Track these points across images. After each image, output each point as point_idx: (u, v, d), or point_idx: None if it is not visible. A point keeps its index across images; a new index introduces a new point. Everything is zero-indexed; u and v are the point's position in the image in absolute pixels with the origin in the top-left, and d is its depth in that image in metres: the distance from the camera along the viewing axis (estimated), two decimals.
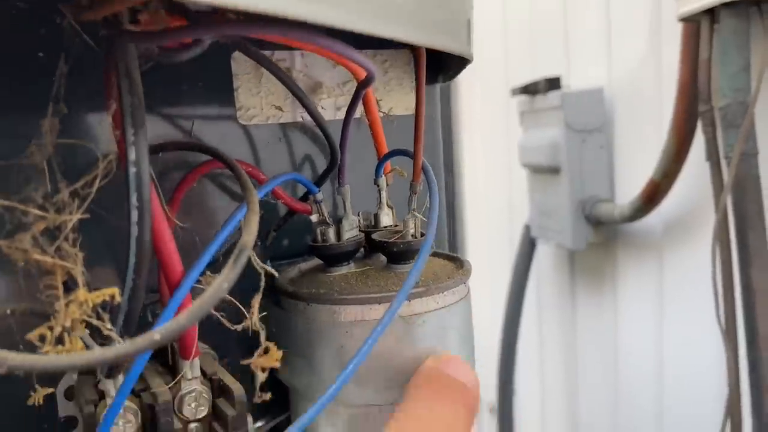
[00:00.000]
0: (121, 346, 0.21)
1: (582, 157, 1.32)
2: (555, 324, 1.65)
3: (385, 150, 0.44)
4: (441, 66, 0.50)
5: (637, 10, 1.23)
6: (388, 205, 0.43)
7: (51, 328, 0.24)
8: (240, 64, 0.43)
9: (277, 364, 0.29)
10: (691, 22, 0.99)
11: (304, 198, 0.42)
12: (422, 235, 0.40)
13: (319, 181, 0.40)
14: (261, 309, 0.35)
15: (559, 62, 1.47)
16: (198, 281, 0.32)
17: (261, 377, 0.28)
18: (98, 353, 0.20)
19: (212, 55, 0.35)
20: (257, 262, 0.29)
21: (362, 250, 0.44)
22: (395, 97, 0.49)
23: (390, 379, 0.37)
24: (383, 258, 0.42)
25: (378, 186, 0.43)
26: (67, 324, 0.24)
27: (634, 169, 1.28)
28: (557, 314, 1.63)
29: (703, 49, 0.95)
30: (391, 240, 0.39)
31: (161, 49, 0.29)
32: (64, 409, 0.37)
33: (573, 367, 1.57)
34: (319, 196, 0.40)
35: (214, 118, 0.43)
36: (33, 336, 0.24)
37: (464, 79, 1.66)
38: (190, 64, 0.32)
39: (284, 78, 0.33)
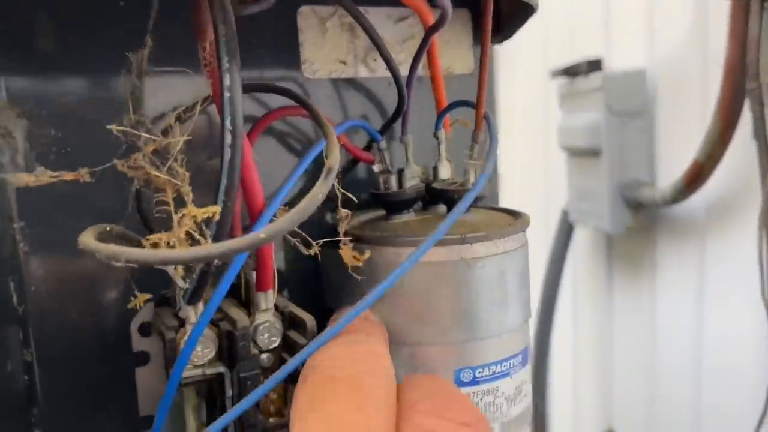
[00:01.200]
0: (230, 242, 0.22)
1: (622, 140, 1.31)
2: (590, 310, 1.64)
3: (445, 103, 0.45)
4: (498, 24, 0.51)
5: None
6: (446, 158, 0.45)
7: (161, 240, 0.26)
8: (306, 18, 0.44)
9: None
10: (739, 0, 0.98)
11: (368, 147, 0.43)
12: None
13: (382, 130, 0.41)
14: (322, 256, 0.37)
15: (600, 43, 1.46)
16: (273, 218, 0.33)
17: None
18: (209, 248, 0.22)
19: (279, 9, 0.37)
20: (339, 189, 0.31)
21: (421, 202, 0.45)
22: (453, 56, 0.50)
23: (450, 319, 0.38)
24: (443, 207, 0.44)
25: (438, 139, 0.44)
26: (182, 235, 0.26)
27: (676, 152, 1.26)
28: (593, 300, 1.62)
29: (752, 27, 0.94)
30: (451, 188, 0.41)
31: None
32: (138, 344, 0.39)
33: (609, 354, 1.57)
34: (383, 143, 0.41)
35: (281, 70, 0.45)
36: (147, 242, 0.26)
37: (502, 63, 1.66)
38: (259, 17, 0.34)
39: (368, 27, 0.34)
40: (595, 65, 1.35)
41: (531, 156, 1.86)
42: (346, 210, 0.37)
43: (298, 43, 0.45)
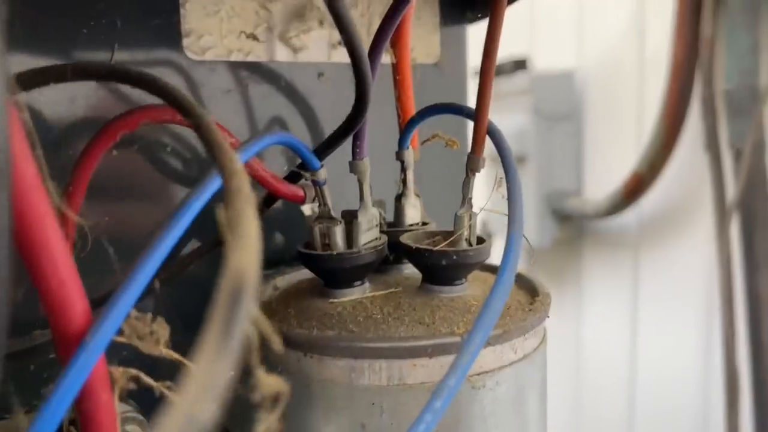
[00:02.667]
0: None
1: (550, 147, 1.21)
2: None
3: (412, 108, 0.29)
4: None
5: None
6: (415, 192, 0.29)
7: None
8: None
9: None
10: None
11: (293, 177, 0.26)
12: (480, 241, 0.26)
13: (321, 151, 0.24)
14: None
15: (524, 41, 1.36)
16: (119, 330, 0.16)
17: None
18: None
19: None
20: (265, 326, 0.14)
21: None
22: (413, 37, 0.34)
23: None
24: (413, 273, 0.28)
25: (402, 162, 0.28)
26: None
27: (605, 160, 1.17)
28: None
29: (706, 27, 0.84)
30: (435, 248, 0.25)
31: None
32: None
33: None
34: (322, 174, 0.25)
35: (147, 47, 0.27)
36: None
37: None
38: None
39: None
40: (520, 65, 1.24)
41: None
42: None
43: (177, 4, 0.27)
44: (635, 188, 1.03)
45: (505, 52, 1.29)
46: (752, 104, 0.78)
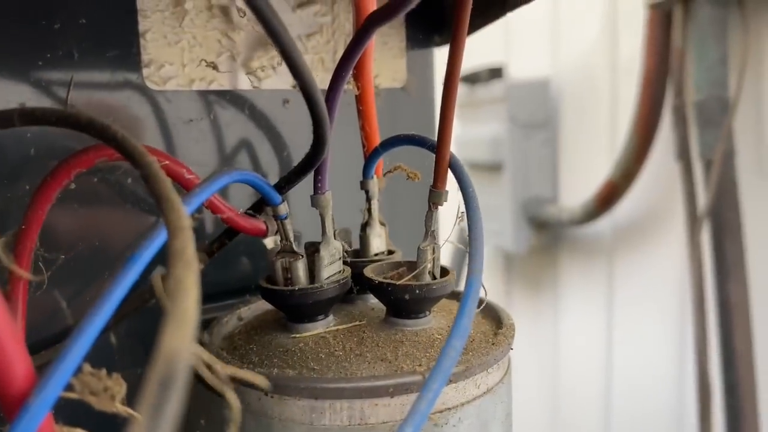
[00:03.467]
0: None
1: (526, 154, 1.22)
2: None
3: (376, 138, 0.28)
4: (438, 21, 0.36)
5: None
6: (380, 221, 0.28)
7: None
8: None
9: None
10: (660, 9, 0.90)
11: (255, 210, 0.26)
12: (444, 273, 0.26)
13: (283, 185, 0.24)
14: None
15: (499, 49, 1.36)
16: (68, 385, 0.16)
17: None
18: None
19: None
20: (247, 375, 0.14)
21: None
22: (379, 62, 0.34)
23: None
24: (378, 303, 0.28)
25: (367, 192, 0.28)
26: None
27: (580, 167, 1.18)
28: None
29: (676, 38, 0.85)
30: (399, 282, 0.24)
31: None
32: None
33: None
34: (283, 208, 0.24)
35: (105, 78, 0.27)
36: None
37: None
38: None
39: (261, 6, 0.17)
40: (496, 73, 1.24)
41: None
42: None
43: (136, 34, 0.27)
44: (609, 196, 1.04)
45: (480, 60, 1.29)
46: (722, 115, 0.79)
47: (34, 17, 0.25)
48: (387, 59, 0.34)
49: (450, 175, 0.24)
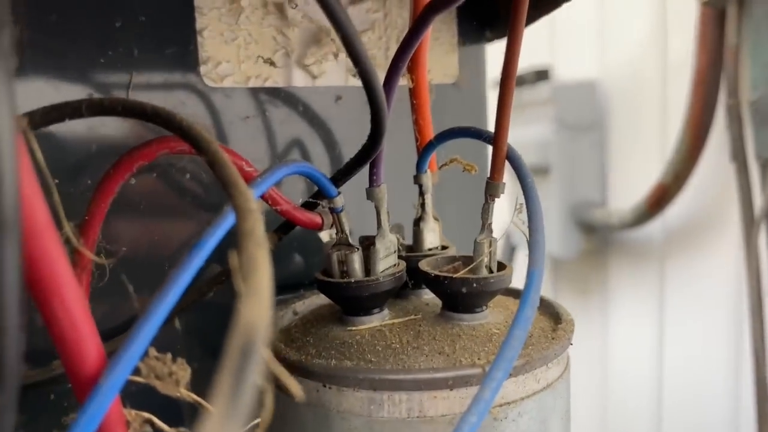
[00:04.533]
0: None
1: (573, 157, 1.20)
2: None
3: (430, 131, 0.28)
4: (490, 16, 0.35)
5: None
6: (434, 216, 0.28)
7: None
8: None
9: None
10: (713, 6, 0.87)
11: (310, 204, 0.26)
12: (501, 267, 0.25)
13: (338, 178, 0.24)
14: None
15: (545, 50, 1.35)
16: (135, 369, 0.16)
17: None
18: None
19: None
20: (285, 378, 0.14)
21: None
22: (430, 58, 0.34)
23: None
24: (432, 298, 0.27)
25: (420, 186, 0.28)
26: None
27: (630, 169, 1.16)
28: None
29: (730, 36, 0.83)
30: (455, 275, 0.24)
31: None
32: None
33: None
34: (339, 201, 0.24)
35: (163, 75, 0.27)
36: None
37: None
38: None
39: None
40: (542, 75, 1.23)
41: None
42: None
43: (194, 31, 0.27)
44: (660, 198, 1.01)
45: (526, 62, 1.28)
46: None
47: (96, 16, 0.25)
48: (438, 55, 0.34)
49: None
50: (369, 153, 0.22)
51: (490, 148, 0.25)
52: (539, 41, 1.37)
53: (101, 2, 0.25)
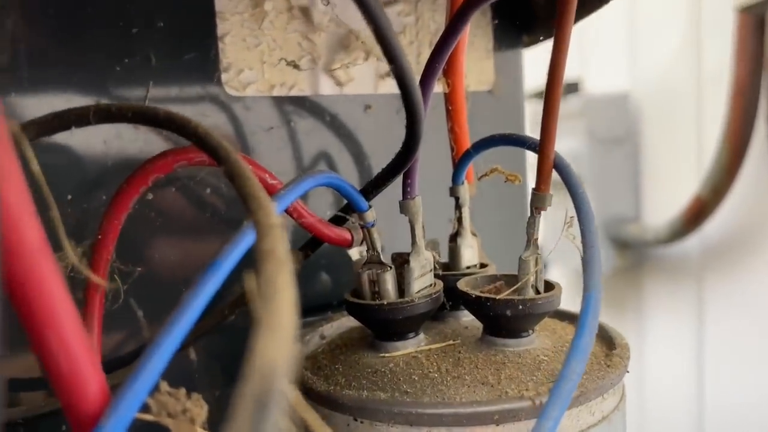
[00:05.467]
0: None
1: (606, 171, 1.17)
2: None
3: (466, 140, 0.26)
4: (527, 21, 0.33)
5: (667, 1, 1.08)
6: (471, 231, 0.26)
7: None
8: None
9: None
10: (751, 13, 0.84)
11: (339, 219, 0.24)
12: (549, 288, 0.23)
13: (369, 191, 0.22)
14: None
15: (574, 63, 1.32)
16: (143, 406, 0.14)
17: None
18: None
19: None
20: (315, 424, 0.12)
21: None
22: (466, 65, 0.32)
23: None
24: (471, 321, 0.25)
25: (457, 199, 0.26)
26: None
27: (664, 184, 1.12)
28: None
29: None
30: (498, 296, 0.22)
31: None
32: None
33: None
34: (370, 215, 0.22)
35: (182, 84, 0.26)
36: None
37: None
38: None
39: None
40: (572, 88, 1.21)
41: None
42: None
43: (215, 37, 0.26)
44: (698, 213, 0.98)
45: None
46: None
47: (112, 22, 0.24)
48: (473, 61, 0.32)
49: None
50: (404, 161, 0.20)
51: (528, 159, 0.23)
52: (568, 54, 1.34)
53: (116, 7, 0.24)
